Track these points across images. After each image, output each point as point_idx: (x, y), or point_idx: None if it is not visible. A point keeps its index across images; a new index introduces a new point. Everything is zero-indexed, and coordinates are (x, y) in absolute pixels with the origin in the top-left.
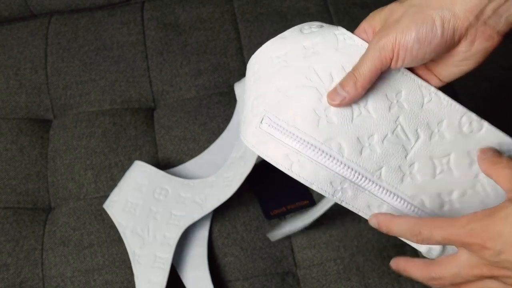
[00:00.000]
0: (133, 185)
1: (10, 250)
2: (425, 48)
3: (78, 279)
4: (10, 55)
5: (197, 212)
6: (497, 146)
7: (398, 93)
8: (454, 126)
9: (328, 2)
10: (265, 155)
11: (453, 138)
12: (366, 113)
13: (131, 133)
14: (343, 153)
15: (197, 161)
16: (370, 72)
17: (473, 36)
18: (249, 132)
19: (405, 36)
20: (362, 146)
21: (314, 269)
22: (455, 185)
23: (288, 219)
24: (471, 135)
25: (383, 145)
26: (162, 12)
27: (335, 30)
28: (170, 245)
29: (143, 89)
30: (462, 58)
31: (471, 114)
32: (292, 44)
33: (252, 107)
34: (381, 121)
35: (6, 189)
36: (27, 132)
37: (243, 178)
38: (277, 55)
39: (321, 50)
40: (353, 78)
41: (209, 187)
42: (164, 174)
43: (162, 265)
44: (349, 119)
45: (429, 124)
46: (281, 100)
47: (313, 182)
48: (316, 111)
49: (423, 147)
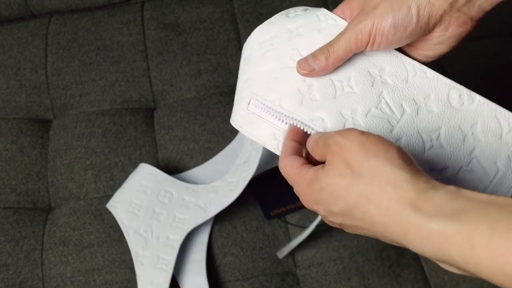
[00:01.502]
0: (138, 186)
1: (10, 250)
2: (401, 34)
3: (78, 279)
4: (10, 55)
5: (201, 216)
6: (493, 119)
7: (381, 70)
8: (442, 100)
9: (328, 2)
10: (252, 135)
11: (441, 112)
12: (348, 89)
13: (131, 133)
14: (326, 127)
15: (202, 168)
16: (344, 51)
17: (447, 22)
18: (237, 115)
19: (382, 22)
20: (345, 120)
21: (314, 269)
22: (447, 161)
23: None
24: (462, 108)
25: (367, 119)
26: (162, 12)
27: (318, 11)
28: (173, 247)
29: (143, 89)
30: (436, 43)
31: (460, 87)
32: (278, 27)
33: (241, 90)
34: (364, 96)
35: (6, 189)
36: (27, 132)
37: (247, 181)
38: (264, 39)
39: (304, 31)
40: (326, 53)
41: (213, 192)
42: (169, 178)
43: (165, 267)
44: (331, 95)
45: (415, 98)
46: (268, 81)
47: None
48: (300, 90)
49: (409, 121)
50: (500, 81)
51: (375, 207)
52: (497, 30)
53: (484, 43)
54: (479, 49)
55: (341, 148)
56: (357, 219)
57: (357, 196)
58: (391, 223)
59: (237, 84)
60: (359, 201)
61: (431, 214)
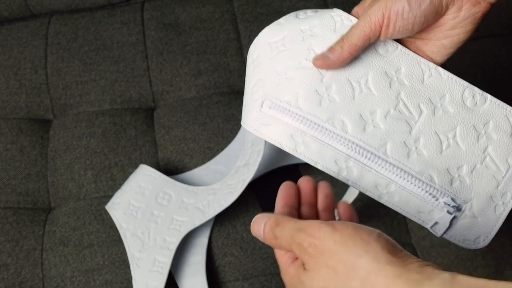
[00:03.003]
0: (137, 188)
1: (10, 250)
2: (415, 11)
3: (78, 279)
4: (10, 55)
5: (199, 218)
6: (503, 119)
7: (397, 70)
8: (457, 100)
9: (328, 2)
10: (268, 137)
11: (457, 112)
12: (367, 90)
13: (131, 133)
14: (347, 130)
15: (203, 169)
16: (358, 38)
17: (460, 1)
18: (250, 117)
19: (396, 1)
20: (365, 123)
21: None
22: (463, 160)
23: None
24: (475, 108)
25: (386, 121)
26: (162, 12)
27: (331, 12)
28: (170, 250)
29: (143, 89)
30: (450, 27)
31: (473, 88)
32: (289, 28)
33: (252, 92)
34: (383, 98)
35: (6, 189)
36: (27, 132)
37: (245, 184)
38: (275, 40)
39: (319, 32)
40: (341, 42)
41: (212, 195)
42: (168, 179)
43: (161, 269)
44: (350, 97)
45: (431, 99)
46: (281, 82)
47: (318, 161)
48: (318, 91)
49: (427, 122)
50: (500, 81)
51: None
52: (497, 30)
53: (484, 43)
54: (479, 49)
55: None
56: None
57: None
58: None
59: (245, 87)
60: None
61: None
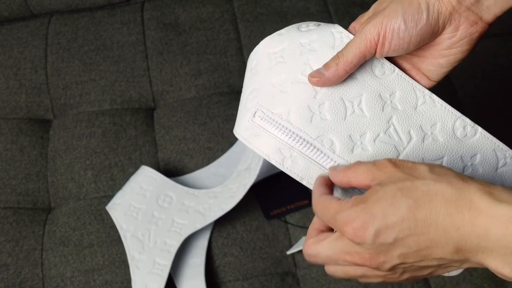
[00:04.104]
0: (138, 189)
1: (10, 250)
2: (411, 30)
3: (78, 279)
4: (10, 55)
5: (199, 221)
6: (491, 153)
7: (392, 94)
8: (447, 129)
9: (328, 2)
10: (256, 148)
11: (446, 142)
12: (359, 111)
13: (131, 133)
14: (335, 150)
15: (204, 171)
16: (354, 55)
17: (457, 21)
18: (241, 126)
19: (392, 19)
20: (354, 144)
21: (314, 269)
22: None
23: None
24: (465, 139)
25: (375, 144)
26: (162, 12)
27: (332, 28)
28: (170, 252)
29: (143, 89)
30: (447, 46)
31: (465, 119)
32: (289, 40)
33: (247, 101)
34: (374, 120)
35: (6, 189)
36: (27, 132)
37: (247, 189)
38: (274, 51)
39: (317, 47)
40: (336, 59)
41: (213, 198)
42: (169, 181)
43: (160, 272)
44: (342, 116)
45: (422, 126)
46: (276, 94)
47: (303, 178)
48: (310, 107)
49: (415, 148)
50: (500, 81)
51: (443, 200)
52: (497, 30)
53: (484, 43)
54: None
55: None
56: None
57: (423, 193)
58: (458, 213)
59: (241, 94)
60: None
61: (501, 199)
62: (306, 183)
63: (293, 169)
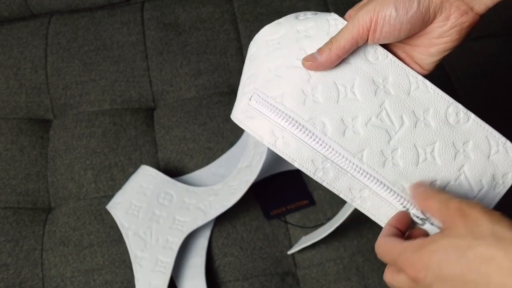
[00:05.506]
0: (138, 188)
1: (10, 250)
2: (402, 17)
3: (78, 279)
4: (10, 55)
5: (201, 218)
6: (484, 140)
7: (385, 79)
8: (440, 115)
9: (328, 2)
10: (251, 130)
11: (438, 128)
12: (352, 95)
13: (131, 133)
14: (326, 132)
15: (204, 171)
16: (346, 40)
17: (448, 10)
18: (238, 109)
19: (384, 6)
20: (345, 127)
21: (314, 269)
22: (437, 175)
23: (309, 234)
24: (458, 126)
25: (367, 128)
26: (162, 12)
27: (328, 16)
28: (172, 250)
29: (143, 89)
30: (438, 35)
31: (457, 105)
32: (287, 28)
33: (244, 85)
34: (366, 104)
35: (6, 189)
36: (27, 132)
37: (248, 185)
38: (272, 38)
39: (313, 34)
40: (329, 44)
41: (213, 195)
42: (169, 180)
43: (164, 269)
44: (334, 100)
45: (415, 111)
46: (272, 79)
47: (295, 159)
48: (304, 91)
49: (407, 133)
50: (500, 81)
51: (498, 267)
52: (497, 30)
53: (484, 43)
54: (479, 49)
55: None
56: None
57: (476, 256)
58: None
59: (240, 80)
60: (478, 261)
61: None
62: (298, 165)
63: (285, 151)
